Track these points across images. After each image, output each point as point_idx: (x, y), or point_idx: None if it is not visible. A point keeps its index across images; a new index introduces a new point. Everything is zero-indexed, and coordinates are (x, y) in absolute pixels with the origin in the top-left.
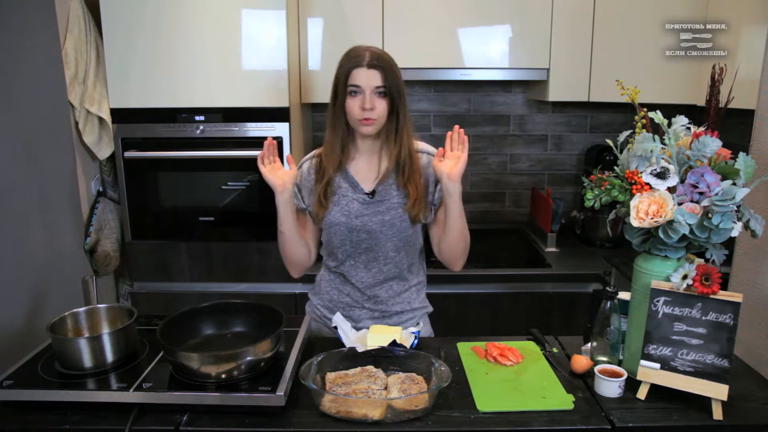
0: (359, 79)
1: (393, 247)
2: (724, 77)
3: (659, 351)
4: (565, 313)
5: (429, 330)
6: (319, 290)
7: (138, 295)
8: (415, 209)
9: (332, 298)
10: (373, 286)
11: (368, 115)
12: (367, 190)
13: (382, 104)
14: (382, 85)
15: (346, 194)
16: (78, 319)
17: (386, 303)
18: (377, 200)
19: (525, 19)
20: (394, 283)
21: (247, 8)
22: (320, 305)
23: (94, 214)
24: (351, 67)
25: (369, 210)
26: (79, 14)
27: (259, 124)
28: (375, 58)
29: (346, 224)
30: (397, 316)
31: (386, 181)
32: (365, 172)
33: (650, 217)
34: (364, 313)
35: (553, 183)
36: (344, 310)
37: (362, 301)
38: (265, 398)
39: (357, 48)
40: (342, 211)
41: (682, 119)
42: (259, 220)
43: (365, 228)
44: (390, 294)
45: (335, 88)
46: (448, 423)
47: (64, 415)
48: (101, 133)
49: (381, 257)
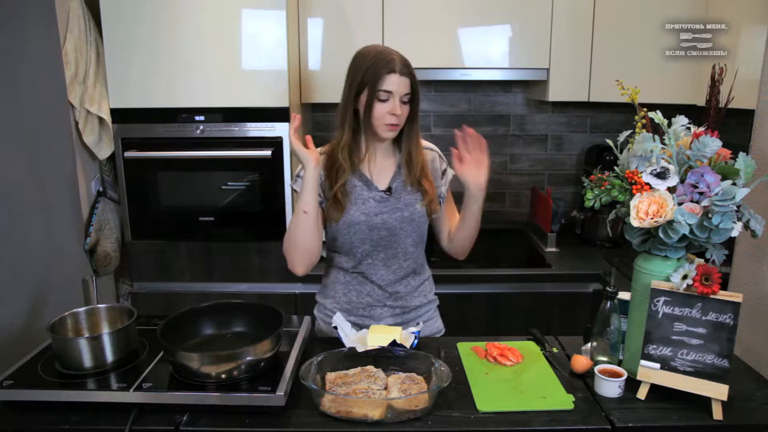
0: (392, 85)
1: (412, 242)
2: (724, 77)
3: (659, 351)
4: (565, 313)
5: (441, 323)
6: (334, 293)
7: (138, 295)
8: (432, 204)
9: (350, 300)
10: (394, 283)
11: (395, 121)
12: (382, 188)
13: (406, 110)
14: (409, 92)
15: (362, 193)
16: (78, 319)
17: (406, 298)
18: (394, 197)
19: (525, 19)
20: (411, 278)
21: (247, 8)
22: (336, 308)
23: (94, 214)
24: (384, 72)
25: (387, 207)
26: (79, 14)
27: (259, 124)
28: (405, 65)
29: (366, 222)
30: (415, 311)
31: (399, 179)
32: (377, 170)
33: (650, 217)
34: (385, 311)
35: (553, 183)
36: (365, 310)
37: (384, 299)
38: (265, 398)
39: (385, 52)
40: (361, 210)
41: (682, 119)
42: (259, 220)
43: (386, 225)
44: (409, 289)
45: (358, 90)
46: (448, 423)
47: (64, 415)
48: (101, 133)
49: (400, 253)
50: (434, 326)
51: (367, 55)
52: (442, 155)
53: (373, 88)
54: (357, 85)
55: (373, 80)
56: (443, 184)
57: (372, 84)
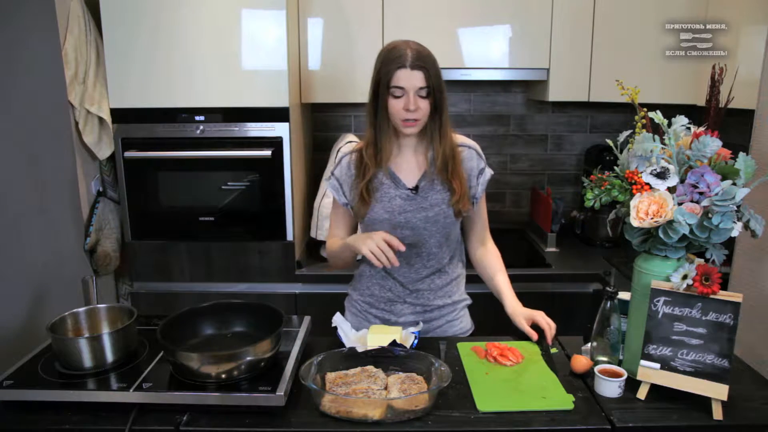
0: (402, 81)
1: (436, 242)
2: (724, 77)
3: (659, 351)
4: (565, 313)
5: (469, 323)
6: (360, 285)
7: (138, 295)
8: (460, 203)
9: (373, 293)
10: (416, 281)
11: (412, 116)
12: (409, 186)
13: (425, 104)
14: (425, 86)
15: (388, 191)
16: (78, 319)
17: (428, 297)
18: (421, 196)
19: (525, 19)
20: (436, 277)
21: (247, 8)
22: (361, 300)
23: (94, 214)
24: (394, 68)
25: (412, 206)
26: (79, 14)
27: (259, 124)
28: (417, 57)
29: (389, 221)
30: (438, 311)
31: (428, 177)
32: (407, 168)
33: (650, 217)
34: (405, 307)
35: (553, 183)
36: (386, 305)
37: (404, 296)
38: (265, 398)
39: (398, 46)
40: (385, 208)
41: (682, 119)
42: (259, 220)
43: (409, 224)
44: (432, 288)
45: (375, 88)
46: (448, 423)
47: (64, 415)
48: (101, 133)
49: (424, 253)
50: (458, 326)
51: (382, 53)
52: (481, 153)
53: (386, 85)
54: (374, 84)
55: (385, 77)
56: (479, 184)
57: (385, 81)
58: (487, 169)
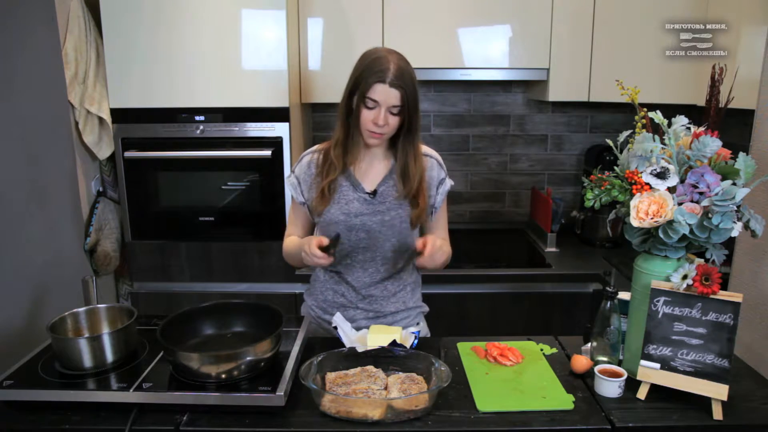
0: (378, 95)
1: (391, 247)
2: (724, 77)
3: (659, 351)
4: (565, 313)
5: (425, 330)
6: (314, 291)
7: (138, 295)
8: (420, 218)
9: (326, 299)
10: (369, 286)
11: (379, 130)
12: (368, 190)
13: (395, 121)
14: (399, 105)
15: (347, 193)
16: (78, 319)
17: (381, 303)
18: (378, 200)
19: (525, 19)
20: (389, 282)
21: (247, 8)
22: (315, 306)
23: (94, 214)
24: (373, 81)
25: (369, 209)
26: (79, 14)
27: (259, 124)
28: (398, 76)
29: (345, 222)
30: (391, 316)
31: (388, 182)
32: (368, 172)
33: (650, 217)
34: (358, 313)
35: (553, 183)
36: (339, 310)
37: (357, 302)
38: (265, 398)
39: (381, 58)
40: (341, 210)
41: (682, 119)
42: (259, 220)
43: (365, 227)
44: (385, 294)
45: (351, 91)
46: (448, 423)
47: (64, 415)
48: (101, 133)
49: (379, 257)
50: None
51: (366, 58)
52: (441, 163)
53: (362, 93)
54: (351, 86)
55: (362, 86)
56: (438, 194)
57: (361, 89)
58: (448, 179)
